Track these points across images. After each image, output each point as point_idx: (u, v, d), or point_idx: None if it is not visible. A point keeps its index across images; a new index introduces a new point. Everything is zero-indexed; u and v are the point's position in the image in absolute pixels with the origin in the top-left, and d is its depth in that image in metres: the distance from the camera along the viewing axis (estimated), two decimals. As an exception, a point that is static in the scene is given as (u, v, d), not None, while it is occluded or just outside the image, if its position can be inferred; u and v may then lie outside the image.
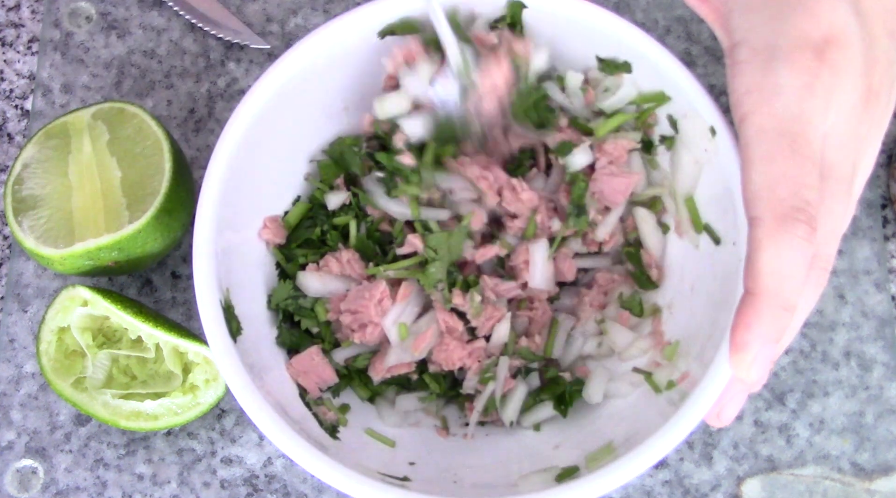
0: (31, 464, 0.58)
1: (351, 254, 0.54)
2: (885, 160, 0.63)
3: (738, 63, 0.44)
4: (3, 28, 0.66)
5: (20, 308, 0.60)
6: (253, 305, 0.52)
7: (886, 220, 0.63)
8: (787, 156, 0.42)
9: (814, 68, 0.42)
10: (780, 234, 0.41)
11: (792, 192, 0.41)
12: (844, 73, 0.43)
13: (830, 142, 0.43)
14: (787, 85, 0.42)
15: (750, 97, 0.43)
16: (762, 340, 0.41)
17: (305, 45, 0.51)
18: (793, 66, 0.42)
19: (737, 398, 0.46)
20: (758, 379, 0.42)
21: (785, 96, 0.42)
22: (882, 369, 0.59)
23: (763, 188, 0.42)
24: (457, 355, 0.53)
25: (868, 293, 0.60)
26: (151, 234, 0.54)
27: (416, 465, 0.52)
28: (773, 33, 0.44)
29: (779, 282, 0.41)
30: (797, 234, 0.41)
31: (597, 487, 0.45)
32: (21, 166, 0.56)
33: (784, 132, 0.42)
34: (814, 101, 0.42)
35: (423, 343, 0.53)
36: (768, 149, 0.42)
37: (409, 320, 0.53)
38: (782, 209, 0.41)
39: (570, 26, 0.52)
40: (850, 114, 0.43)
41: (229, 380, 0.46)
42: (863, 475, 0.58)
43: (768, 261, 0.41)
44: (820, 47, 0.43)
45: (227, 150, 0.49)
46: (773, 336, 0.41)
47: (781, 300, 0.41)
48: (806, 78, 0.42)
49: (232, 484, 0.58)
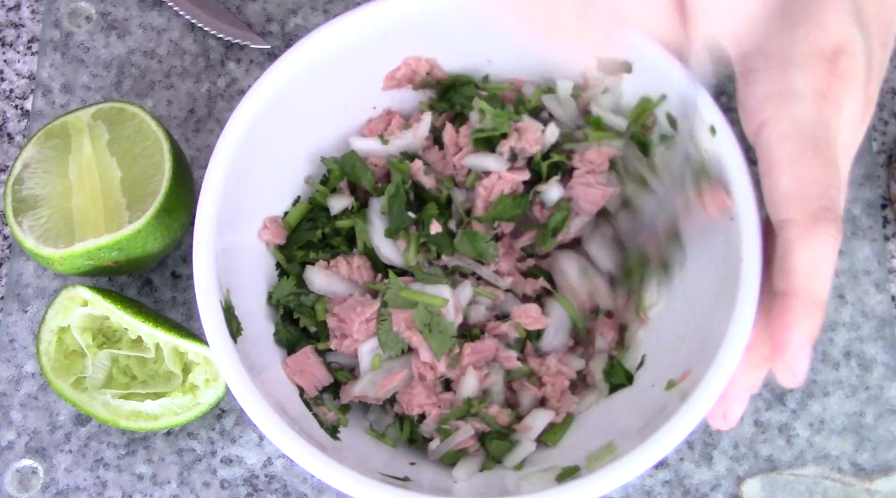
0: (31, 464, 0.58)
1: (363, 260, 0.54)
2: (885, 160, 0.63)
3: (752, 71, 0.45)
4: (3, 28, 0.66)
5: (20, 308, 0.60)
6: (253, 305, 0.52)
7: (886, 220, 0.63)
8: (811, 158, 0.43)
9: (826, 77, 0.44)
10: (812, 234, 0.42)
11: (820, 193, 0.42)
12: (851, 82, 0.44)
13: (839, 147, 0.44)
14: (805, 91, 0.43)
15: (770, 103, 0.44)
16: (802, 339, 0.42)
17: (305, 45, 0.51)
18: (807, 73, 0.44)
19: (741, 398, 0.47)
20: (800, 378, 0.43)
21: (803, 102, 0.43)
22: (882, 369, 0.59)
23: (792, 190, 0.43)
24: (419, 401, 0.51)
25: (868, 293, 0.60)
26: (151, 234, 0.54)
27: (417, 465, 0.52)
28: (785, 43, 0.45)
29: (813, 281, 0.42)
30: (828, 232, 0.42)
31: (597, 487, 0.45)
32: (21, 166, 0.56)
33: (807, 135, 0.43)
34: (829, 108, 0.43)
35: (389, 385, 0.51)
36: (793, 152, 0.43)
37: (386, 355, 0.52)
38: (812, 209, 0.42)
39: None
40: (852, 122, 0.45)
41: (229, 380, 0.46)
42: (863, 475, 0.58)
43: (802, 261, 0.42)
44: (830, 57, 0.44)
45: (227, 150, 0.49)
46: (811, 335, 0.43)
47: (816, 299, 0.42)
48: (820, 86, 0.43)
49: (232, 484, 0.58)
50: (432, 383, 0.52)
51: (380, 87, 0.56)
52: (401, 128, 0.56)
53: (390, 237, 0.54)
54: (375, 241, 0.54)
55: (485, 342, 0.52)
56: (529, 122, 0.54)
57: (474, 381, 0.52)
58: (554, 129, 0.54)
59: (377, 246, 0.54)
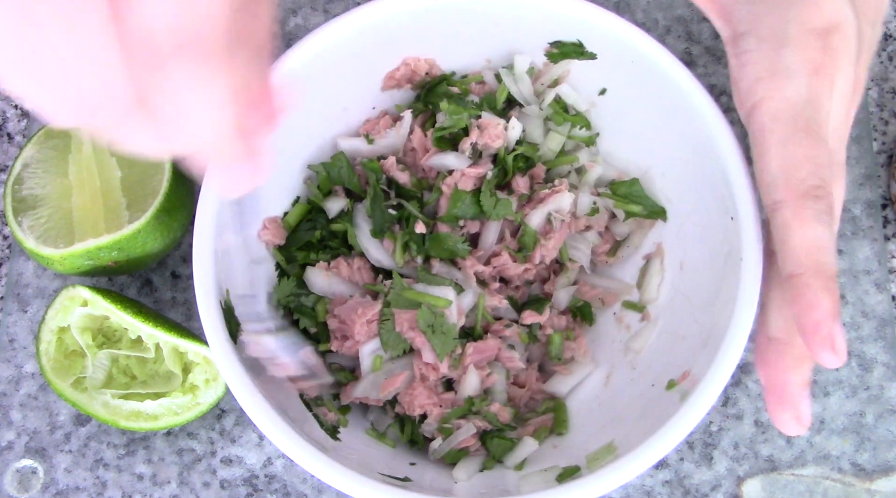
0: (30, 464, 0.58)
1: (362, 262, 0.54)
2: (885, 160, 0.63)
3: (745, 52, 0.45)
4: (2, 28, 0.66)
5: (20, 308, 0.60)
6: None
7: (886, 220, 0.63)
8: (802, 138, 0.43)
9: (819, 54, 0.44)
10: (804, 210, 0.42)
11: (810, 172, 0.42)
12: (844, 59, 0.44)
13: (832, 125, 0.44)
14: (797, 69, 0.44)
15: (761, 84, 0.44)
16: (829, 314, 0.41)
17: (305, 45, 0.51)
18: (801, 52, 0.44)
19: (805, 393, 0.45)
20: (843, 353, 0.42)
21: (796, 80, 0.44)
22: (882, 369, 0.59)
23: (782, 171, 0.43)
24: (421, 401, 0.51)
25: (868, 293, 0.60)
26: (151, 234, 0.54)
27: (417, 465, 0.52)
28: (778, 22, 0.45)
29: (818, 255, 0.42)
30: (820, 208, 0.42)
31: (597, 487, 0.45)
32: (21, 166, 0.56)
33: (798, 116, 0.43)
34: (822, 85, 0.44)
35: (391, 386, 0.51)
36: (784, 133, 0.43)
37: (388, 356, 0.52)
38: (803, 188, 0.42)
39: (570, 26, 0.52)
40: (844, 99, 0.45)
41: (229, 380, 0.46)
42: (863, 475, 0.58)
43: (803, 238, 0.42)
44: (823, 35, 0.44)
45: (227, 150, 0.49)
46: (835, 309, 0.41)
47: (827, 271, 0.41)
48: (813, 63, 0.44)
49: (232, 484, 0.58)
50: (434, 384, 0.52)
51: (379, 87, 0.56)
52: (388, 128, 0.56)
53: (376, 238, 0.54)
54: (364, 244, 0.54)
55: (487, 342, 0.52)
56: (490, 117, 0.54)
57: (476, 380, 0.52)
58: (517, 124, 0.54)
59: (366, 248, 0.54)
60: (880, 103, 0.64)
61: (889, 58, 0.65)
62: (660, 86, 0.51)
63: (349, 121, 0.56)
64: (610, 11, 0.51)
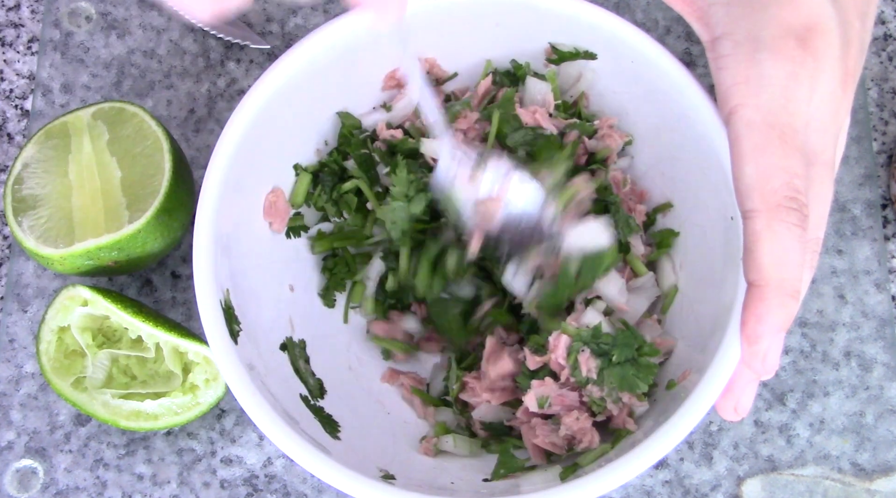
0: (30, 464, 0.58)
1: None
2: (885, 160, 0.63)
3: (721, 57, 0.45)
4: (3, 28, 0.66)
5: (20, 308, 0.60)
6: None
7: (886, 220, 0.63)
8: (776, 147, 0.42)
9: (798, 57, 0.43)
10: (775, 223, 0.42)
11: (783, 182, 0.42)
12: (825, 58, 0.43)
13: (814, 127, 0.44)
14: (773, 75, 0.43)
15: (737, 90, 0.44)
16: (774, 329, 0.42)
17: (305, 45, 0.51)
18: (777, 55, 0.43)
19: (749, 388, 0.46)
20: (773, 368, 0.43)
21: (771, 87, 0.43)
22: (882, 369, 0.59)
23: (756, 180, 0.42)
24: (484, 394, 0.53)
25: (868, 293, 0.60)
26: (151, 234, 0.54)
27: (418, 465, 0.51)
28: (754, 24, 0.44)
29: (782, 270, 0.42)
30: (791, 221, 0.42)
31: (597, 486, 0.45)
32: (21, 166, 0.56)
33: (772, 124, 0.43)
34: (799, 90, 0.43)
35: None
36: (758, 141, 0.43)
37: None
38: (776, 199, 0.42)
39: (570, 26, 0.52)
40: (830, 98, 0.44)
41: (229, 380, 0.46)
42: (863, 475, 0.58)
43: (769, 251, 0.42)
44: (802, 35, 0.43)
45: (226, 150, 0.49)
46: (783, 324, 0.42)
47: (787, 288, 0.42)
48: (790, 67, 0.43)
49: (232, 484, 0.58)
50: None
51: (379, 87, 0.56)
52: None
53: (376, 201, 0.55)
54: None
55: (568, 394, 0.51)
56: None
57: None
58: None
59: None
60: (880, 103, 0.64)
61: (889, 58, 0.65)
62: (659, 86, 0.51)
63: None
64: (610, 11, 0.51)
